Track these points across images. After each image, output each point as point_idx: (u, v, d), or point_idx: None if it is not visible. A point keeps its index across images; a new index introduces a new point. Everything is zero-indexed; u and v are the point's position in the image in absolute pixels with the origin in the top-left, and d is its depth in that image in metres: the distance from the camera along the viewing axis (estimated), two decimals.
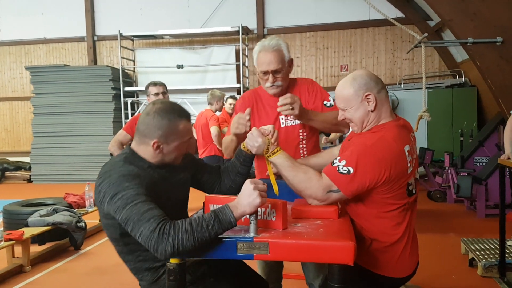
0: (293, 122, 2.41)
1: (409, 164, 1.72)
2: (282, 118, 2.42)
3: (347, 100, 1.80)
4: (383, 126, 1.78)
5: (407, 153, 1.72)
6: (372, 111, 1.78)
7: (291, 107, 2.13)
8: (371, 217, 1.76)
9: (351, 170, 1.65)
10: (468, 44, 5.49)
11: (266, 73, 2.32)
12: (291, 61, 2.39)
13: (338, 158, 1.72)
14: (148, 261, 1.77)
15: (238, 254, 1.47)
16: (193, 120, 6.25)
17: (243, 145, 1.96)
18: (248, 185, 1.48)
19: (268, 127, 1.88)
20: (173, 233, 1.44)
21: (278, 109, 2.17)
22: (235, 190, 1.97)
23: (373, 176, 1.65)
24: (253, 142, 1.84)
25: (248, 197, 1.46)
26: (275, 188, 1.84)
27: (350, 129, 1.96)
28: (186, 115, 1.78)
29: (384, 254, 1.77)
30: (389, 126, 1.77)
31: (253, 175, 2.46)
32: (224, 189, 2.04)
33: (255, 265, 2.74)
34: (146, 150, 1.75)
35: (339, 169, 1.67)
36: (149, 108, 1.75)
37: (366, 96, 1.76)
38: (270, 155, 1.82)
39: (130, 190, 1.56)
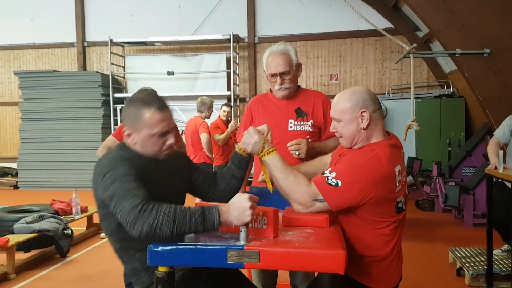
0: (302, 128, 2.43)
1: (397, 184, 1.73)
2: (291, 122, 2.43)
3: (342, 112, 1.80)
4: (376, 145, 1.77)
5: (397, 173, 1.72)
6: (364, 129, 1.78)
7: (297, 153, 2.18)
8: (362, 232, 1.76)
9: (339, 182, 1.66)
10: (456, 55, 5.56)
11: (274, 75, 2.37)
12: (299, 65, 2.44)
13: (329, 169, 1.73)
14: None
15: (228, 262, 1.45)
16: (183, 126, 6.25)
17: (238, 147, 1.93)
18: (245, 202, 1.46)
19: (263, 127, 1.87)
20: (155, 212, 1.43)
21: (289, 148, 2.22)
22: (230, 194, 1.89)
23: (359, 193, 1.65)
24: (250, 139, 1.82)
25: (241, 211, 1.45)
26: (269, 186, 1.85)
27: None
28: (157, 105, 1.67)
29: (371, 267, 1.78)
30: (382, 145, 1.77)
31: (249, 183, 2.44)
32: (218, 193, 1.99)
33: (251, 270, 2.72)
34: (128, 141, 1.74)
35: (327, 179, 1.68)
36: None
37: (361, 113, 1.77)
38: (264, 154, 1.81)
39: (121, 168, 1.57)
